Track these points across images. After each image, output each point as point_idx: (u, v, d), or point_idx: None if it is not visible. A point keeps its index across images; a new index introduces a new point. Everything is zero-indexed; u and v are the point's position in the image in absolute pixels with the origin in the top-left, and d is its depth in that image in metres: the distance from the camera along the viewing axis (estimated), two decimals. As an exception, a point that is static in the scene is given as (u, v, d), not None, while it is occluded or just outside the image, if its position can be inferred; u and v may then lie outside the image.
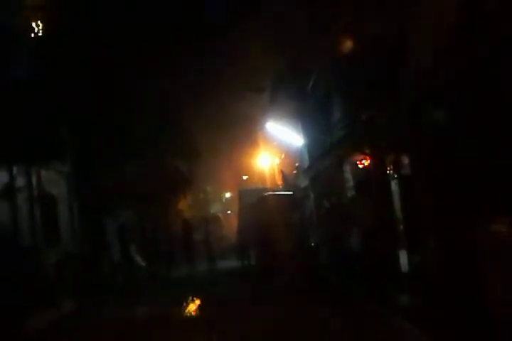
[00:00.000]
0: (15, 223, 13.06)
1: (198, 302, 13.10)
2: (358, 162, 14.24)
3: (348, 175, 15.45)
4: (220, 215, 43.62)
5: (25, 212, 13.32)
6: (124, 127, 16.84)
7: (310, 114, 19.74)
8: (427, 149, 9.09)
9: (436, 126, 8.72)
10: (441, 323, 7.84)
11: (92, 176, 15.99)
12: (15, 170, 13.33)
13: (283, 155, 29.14)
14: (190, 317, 11.55)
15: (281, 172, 27.23)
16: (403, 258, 10.98)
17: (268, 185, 28.74)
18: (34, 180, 13.88)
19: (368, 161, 13.22)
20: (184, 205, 35.15)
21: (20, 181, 13.45)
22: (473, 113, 7.44)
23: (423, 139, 9.19)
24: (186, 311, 12.05)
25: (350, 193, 14.94)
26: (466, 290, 7.23)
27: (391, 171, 11.64)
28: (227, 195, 54.61)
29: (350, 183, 15.18)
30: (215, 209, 49.57)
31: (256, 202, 19.32)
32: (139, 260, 17.90)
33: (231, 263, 19.27)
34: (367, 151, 12.73)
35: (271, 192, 20.52)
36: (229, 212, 45.34)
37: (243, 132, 29.51)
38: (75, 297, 13.40)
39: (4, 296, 11.07)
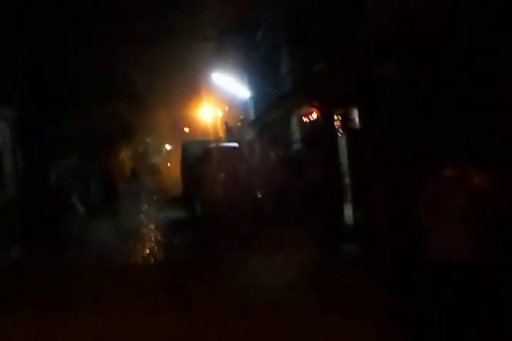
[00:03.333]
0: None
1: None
2: (305, 115, 14.32)
3: (296, 128, 15.58)
4: (159, 166, 43.52)
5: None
6: (68, 73, 16.27)
7: (257, 65, 19.62)
8: (378, 103, 9.21)
9: (389, 80, 8.82)
10: (377, 267, 8.32)
11: (36, 123, 15.55)
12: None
13: (227, 108, 28.98)
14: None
15: (226, 124, 27.09)
16: (348, 211, 11.28)
17: (211, 137, 28.53)
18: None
19: (316, 114, 13.29)
20: (125, 156, 34.76)
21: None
22: (425, 67, 7.56)
23: (374, 93, 9.29)
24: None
25: (297, 146, 15.08)
26: (407, 241, 7.51)
27: (339, 125, 11.78)
28: (168, 147, 54.17)
29: (298, 136, 15.32)
30: (155, 161, 49.19)
31: (201, 153, 19.17)
32: (80, 207, 17.72)
33: (176, 214, 19.22)
34: (315, 104, 12.78)
35: (216, 144, 20.39)
36: (169, 164, 45.06)
37: (187, 83, 29.05)
38: (20, 244, 13.24)
39: None
